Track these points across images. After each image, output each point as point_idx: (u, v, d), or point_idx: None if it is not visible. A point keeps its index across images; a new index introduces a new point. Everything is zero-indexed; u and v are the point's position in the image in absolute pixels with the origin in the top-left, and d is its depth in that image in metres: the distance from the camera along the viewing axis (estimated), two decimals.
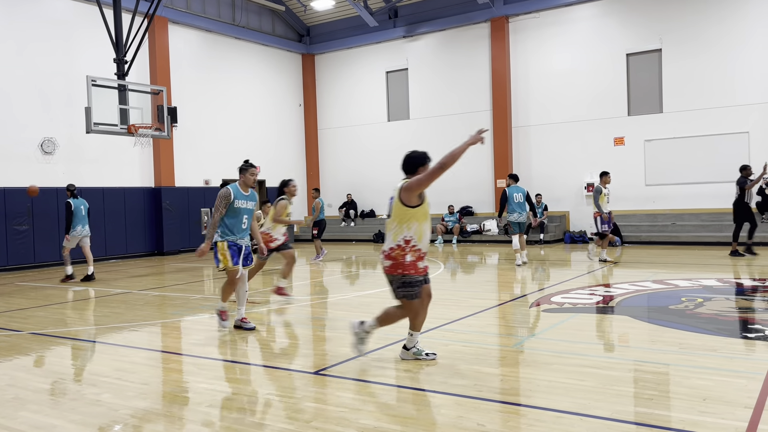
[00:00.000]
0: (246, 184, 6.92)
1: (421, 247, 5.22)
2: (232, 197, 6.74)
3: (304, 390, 4.86)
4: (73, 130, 16.19)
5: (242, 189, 6.90)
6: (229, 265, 6.71)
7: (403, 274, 5.18)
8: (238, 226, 6.81)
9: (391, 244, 5.23)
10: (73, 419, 4.32)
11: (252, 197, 6.99)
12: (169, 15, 18.79)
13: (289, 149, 23.39)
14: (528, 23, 19.62)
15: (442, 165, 5.08)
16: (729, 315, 7.13)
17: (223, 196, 6.70)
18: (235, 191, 6.82)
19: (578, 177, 18.98)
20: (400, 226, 5.18)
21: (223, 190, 6.74)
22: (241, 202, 6.83)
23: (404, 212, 5.16)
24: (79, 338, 7.00)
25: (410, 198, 5.16)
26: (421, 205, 5.20)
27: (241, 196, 6.85)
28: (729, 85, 16.80)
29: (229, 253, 6.71)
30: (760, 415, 3.93)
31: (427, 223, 5.28)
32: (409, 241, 5.17)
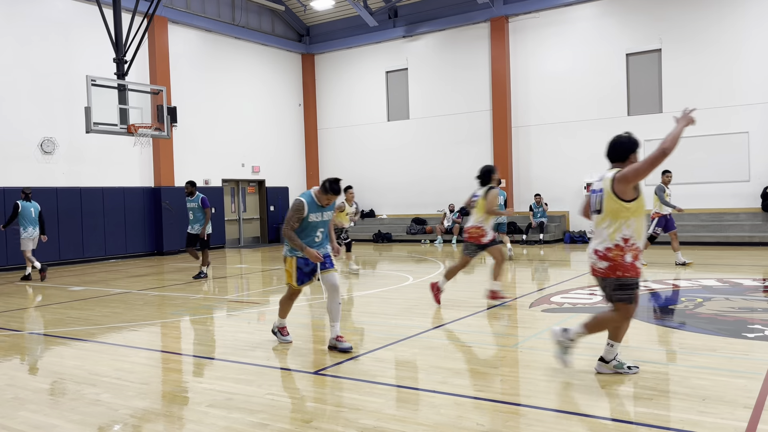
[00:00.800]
0: (319, 202, 5.97)
1: (640, 245, 4.71)
2: (306, 211, 5.90)
3: (303, 390, 4.86)
4: (72, 129, 16.19)
5: (318, 201, 5.97)
6: (293, 284, 6.11)
7: (623, 276, 4.65)
8: (310, 241, 6.00)
9: (607, 243, 4.67)
10: (73, 419, 4.32)
11: (329, 207, 6.10)
12: (169, 15, 18.79)
13: (288, 149, 23.39)
14: (528, 23, 19.62)
15: (665, 150, 4.52)
16: (728, 315, 7.13)
17: (295, 209, 5.90)
18: (309, 203, 5.92)
19: (578, 177, 18.97)
20: (615, 223, 4.64)
21: (296, 201, 5.93)
22: (315, 215, 5.97)
23: (620, 208, 4.63)
24: (78, 338, 7.00)
25: (626, 191, 4.66)
26: (638, 198, 4.69)
27: (315, 209, 5.96)
28: (729, 85, 16.80)
29: (296, 273, 6.05)
30: (760, 415, 3.93)
31: (643, 218, 4.75)
32: (628, 239, 4.63)
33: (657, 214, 12.16)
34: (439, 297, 8.27)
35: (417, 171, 21.68)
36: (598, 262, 4.72)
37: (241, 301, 9.61)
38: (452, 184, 20.94)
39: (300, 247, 5.86)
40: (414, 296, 9.27)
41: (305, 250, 5.84)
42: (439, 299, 8.25)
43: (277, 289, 10.92)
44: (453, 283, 11.12)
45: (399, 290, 9.89)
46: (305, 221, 5.93)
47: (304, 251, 5.85)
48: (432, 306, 8.39)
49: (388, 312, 8.09)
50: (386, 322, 7.37)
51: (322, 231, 6.13)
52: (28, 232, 12.84)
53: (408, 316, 7.80)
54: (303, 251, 5.86)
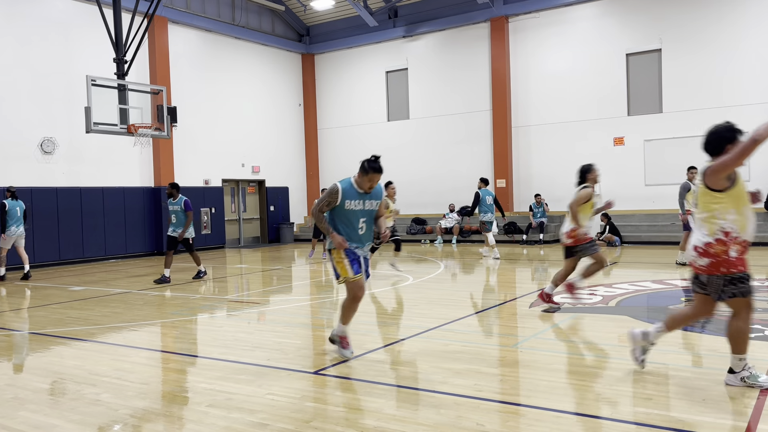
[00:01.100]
0: (361, 187, 5.47)
1: (745, 237, 4.41)
2: (340, 197, 5.37)
3: (303, 390, 4.86)
4: (72, 129, 16.19)
5: (358, 187, 5.46)
6: (349, 275, 5.41)
7: (728, 273, 4.40)
8: (350, 232, 5.46)
9: (707, 238, 4.41)
10: (73, 419, 4.32)
11: (372, 194, 5.52)
12: (169, 15, 18.79)
13: (288, 149, 23.39)
14: (528, 23, 19.62)
15: (756, 139, 4.29)
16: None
17: (329, 192, 5.42)
18: (346, 189, 5.41)
19: None
20: (711, 216, 4.42)
21: (332, 185, 5.46)
22: (353, 203, 5.42)
23: (711, 199, 4.44)
24: (78, 338, 7.00)
25: (717, 181, 4.46)
26: (733, 188, 4.44)
27: (354, 196, 5.42)
28: (729, 85, 16.80)
29: (348, 260, 5.41)
30: (760, 416, 3.93)
31: (747, 208, 4.46)
32: (729, 232, 4.37)
33: (689, 212, 11.86)
34: (566, 296, 7.67)
35: (417, 171, 21.68)
36: (699, 258, 4.45)
37: (241, 301, 9.61)
38: (452, 184, 20.94)
39: (326, 231, 5.36)
40: (414, 296, 9.27)
41: (331, 234, 5.34)
42: (572, 294, 7.59)
43: (277, 289, 10.92)
44: (453, 283, 11.13)
45: (399, 290, 9.88)
46: (341, 208, 5.39)
47: (329, 235, 5.35)
48: (432, 306, 8.40)
49: (388, 312, 8.09)
50: (386, 322, 7.37)
51: (365, 222, 5.49)
52: (11, 231, 12.84)
53: (408, 316, 7.80)
54: (328, 235, 5.36)
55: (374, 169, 5.39)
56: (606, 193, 18.93)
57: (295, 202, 23.58)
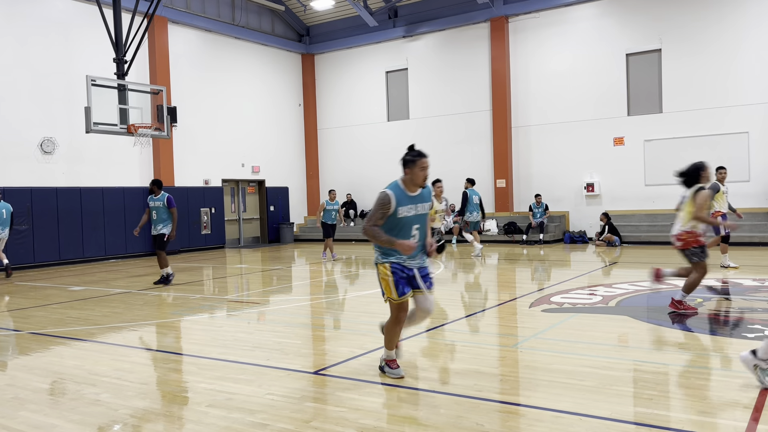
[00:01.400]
0: (414, 182, 4.89)
1: None
2: (393, 205, 4.80)
3: (303, 390, 4.86)
4: (72, 129, 16.19)
5: (408, 189, 4.91)
6: (394, 296, 4.89)
7: None
8: None
9: None
10: (73, 419, 4.32)
11: (422, 197, 4.96)
12: (169, 15, 18.79)
13: (288, 149, 23.40)
14: (528, 23, 19.63)
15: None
16: (728, 315, 7.12)
17: (380, 203, 4.83)
18: (398, 195, 4.84)
19: (578, 177, 18.99)
20: None
21: (381, 194, 4.88)
22: (406, 209, 4.85)
23: None
24: (78, 338, 7.00)
25: None
26: None
27: (406, 201, 4.86)
28: (729, 85, 16.80)
29: (393, 278, 4.86)
30: (760, 416, 3.93)
31: None
32: None
33: (717, 212, 11.46)
34: (687, 306, 7.28)
35: None
36: None
37: (240, 301, 9.61)
38: (452, 184, 20.86)
39: (388, 242, 4.76)
40: None
41: (395, 242, 4.72)
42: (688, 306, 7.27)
43: (277, 289, 10.92)
44: (453, 283, 11.13)
45: None
46: (394, 218, 4.81)
47: (394, 244, 4.73)
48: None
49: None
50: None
51: (419, 229, 4.93)
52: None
53: None
54: (393, 245, 4.74)
55: (419, 155, 4.84)
56: (606, 193, 18.97)
57: (295, 202, 23.58)
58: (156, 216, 11.19)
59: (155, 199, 11.20)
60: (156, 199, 11.19)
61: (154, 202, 11.21)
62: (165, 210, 11.16)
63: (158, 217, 11.17)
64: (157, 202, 11.18)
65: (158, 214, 11.17)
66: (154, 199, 11.21)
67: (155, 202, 11.20)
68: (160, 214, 11.17)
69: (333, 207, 15.28)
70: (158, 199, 11.17)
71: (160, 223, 11.17)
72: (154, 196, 11.23)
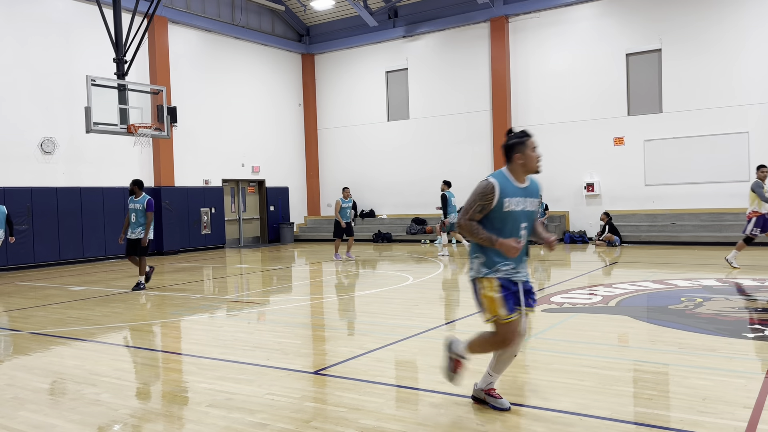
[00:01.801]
0: (527, 168, 4.05)
1: None
2: (497, 196, 3.96)
3: (303, 390, 4.86)
4: (72, 129, 16.19)
5: (516, 179, 4.06)
6: (501, 314, 4.03)
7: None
8: None
9: None
10: (73, 419, 4.32)
11: (532, 190, 4.11)
12: (169, 15, 18.79)
13: (288, 149, 23.40)
14: (528, 23, 19.62)
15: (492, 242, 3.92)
16: (728, 315, 7.13)
17: (480, 193, 3.98)
18: (503, 184, 3.99)
19: (578, 177, 18.99)
20: None
21: (481, 183, 4.02)
22: (514, 202, 4.01)
23: None
24: (78, 338, 7.00)
25: None
26: None
27: (514, 192, 4.01)
28: (729, 85, 16.80)
29: (503, 293, 4.02)
30: (760, 415, 3.93)
31: None
32: None
33: (754, 213, 11.01)
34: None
35: (417, 171, 21.69)
36: None
37: (240, 301, 9.61)
38: (453, 184, 20.94)
39: (488, 240, 3.92)
40: (414, 296, 9.27)
41: (497, 242, 3.91)
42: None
43: (277, 289, 10.92)
44: (452, 283, 11.12)
45: (399, 290, 9.89)
46: (498, 212, 3.97)
47: (495, 244, 3.91)
48: (432, 306, 8.40)
49: (388, 312, 8.09)
50: (386, 322, 7.37)
51: (526, 228, 4.10)
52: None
53: (408, 316, 7.81)
54: (493, 244, 3.91)
55: (525, 134, 4.04)
56: (606, 193, 18.96)
57: (295, 202, 23.57)
58: (135, 219, 10.62)
59: (135, 201, 10.66)
60: (136, 201, 10.64)
61: (134, 203, 10.66)
62: (143, 213, 10.59)
63: (137, 221, 10.62)
64: (137, 205, 10.62)
65: (137, 217, 10.62)
66: (135, 200, 10.67)
67: (135, 204, 10.65)
68: (139, 217, 10.62)
69: (348, 205, 14.88)
70: (138, 201, 10.63)
71: (139, 226, 10.62)
72: (135, 198, 10.69)
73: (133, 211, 10.65)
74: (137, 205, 10.64)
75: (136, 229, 10.62)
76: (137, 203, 10.64)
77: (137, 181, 10.87)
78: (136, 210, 10.64)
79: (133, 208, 10.67)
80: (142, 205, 10.60)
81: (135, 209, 10.65)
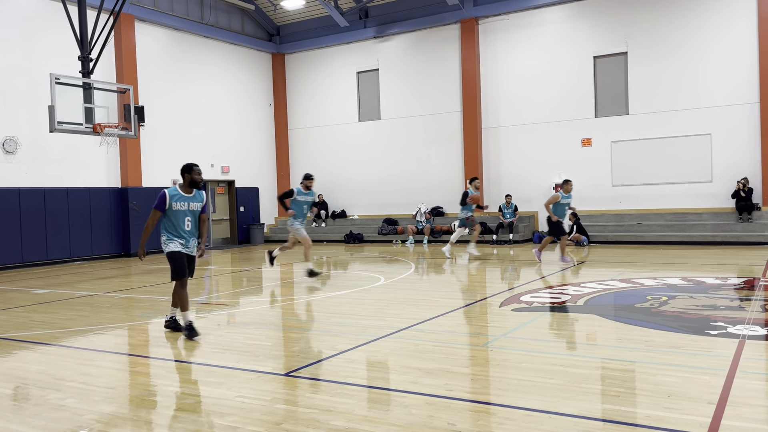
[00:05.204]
0: None
1: None
2: None
3: (274, 392, 4.82)
4: (36, 129, 15.81)
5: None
6: None
7: None
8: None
9: None
10: (37, 425, 4.22)
11: None
12: (136, 12, 18.48)
13: (259, 149, 23.22)
14: (497, 25, 19.80)
15: None
16: (692, 313, 7.29)
17: None
18: None
19: (547, 177, 19.22)
20: None
21: None
22: None
23: None
24: (42, 342, 6.84)
25: None
26: None
27: None
28: (692, 88, 17.20)
29: None
30: (723, 411, 4.03)
31: None
32: None
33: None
34: None
35: (388, 171, 21.72)
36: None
37: (210, 303, 9.50)
38: (423, 184, 21.05)
39: None
40: (385, 297, 9.28)
41: None
42: None
43: (247, 291, 10.81)
44: (424, 283, 11.15)
45: (370, 291, 9.88)
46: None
47: None
48: (403, 306, 8.42)
49: (359, 313, 8.09)
50: (357, 323, 7.36)
51: None
52: None
53: (379, 316, 7.81)
54: None
55: None
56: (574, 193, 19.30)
57: (266, 203, 23.39)
58: (190, 226, 6.99)
59: (190, 199, 6.97)
60: (191, 199, 6.98)
61: (190, 203, 6.97)
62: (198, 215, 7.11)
63: (192, 228, 7.03)
64: (194, 204, 7.01)
65: (192, 222, 7.03)
66: (189, 198, 6.96)
67: (191, 204, 6.99)
68: (195, 223, 7.08)
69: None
70: (196, 198, 7.02)
71: (192, 237, 7.06)
72: (187, 194, 6.94)
73: (189, 214, 6.95)
74: (195, 205, 6.98)
75: (190, 240, 7.00)
76: (193, 201, 6.97)
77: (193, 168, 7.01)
78: (193, 212, 7.00)
79: (188, 209, 6.93)
80: (200, 204, 7.02)
81: (191, 210, 6.97)
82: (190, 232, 6.95)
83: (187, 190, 6.88)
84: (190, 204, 6.90)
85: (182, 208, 6.85)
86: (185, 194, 6.88)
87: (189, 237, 6.95)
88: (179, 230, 6.87)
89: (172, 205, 6.78)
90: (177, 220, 6.85)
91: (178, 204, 6.82)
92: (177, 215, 6.83)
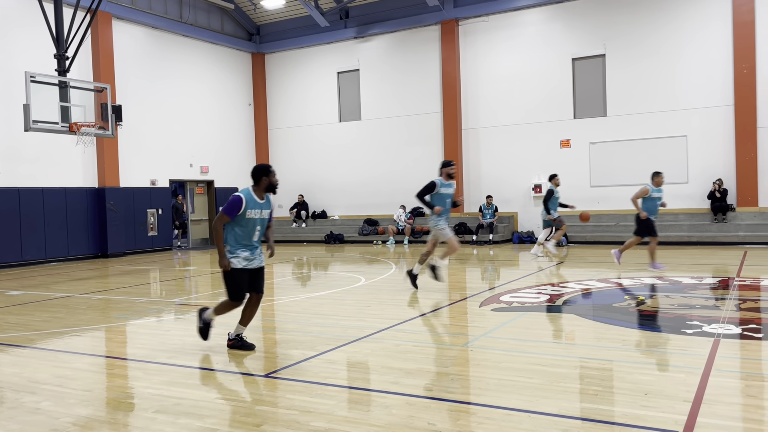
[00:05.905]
0: None
1: None
2: None
3: (254, 393, 4.79)
4: (10, 128, 15.54)
5: None
6: None
7: None
8: None
9: None
10: (12, 429, 4.14)
11: None
12: (113, 10, 18.25)
13: (238, 149, 23.07)
14: (477, 26, 19.90)
15: None
16: (669, 312, 7.39)
17: None
18: None
19: (526, 178, 19.36)
20: None
21: None
22: None
23: None
24: (16, 344, 6.72)
25: None
26: None
27: None
28: (669, 90, 17.45)
29: None
30: (699, 408, 4.09)
31: None
32: None
33: None
34: None
35: (369, 172, 21.71)
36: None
37: (188, 304, 9.41)
38: (404, 185, 21.05)
39: None
40: (366, 297, 9.27)
41: None
42: None
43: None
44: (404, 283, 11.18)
45: (351, 291, 9.87)
46: None
47: None
48: (384, 306, 8.42)
49: (340, 313, 8.07)
50: (338, 324, 7.35)
51: None
52: None
53: (360, 317, 7.80)
54: None
55: None
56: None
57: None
58: (257, 235, 6.05)
59: (262, 205, 5.96)
60: (263, 205, 5.96)
61: (261, 210, 5.96)
62: None
63: (259, 237, 6.12)
64: (264, 211, 6.01)
65: (261, 230, 6.08)
66: (261, 204, 5.95)
67: (262, 211, 5.98)
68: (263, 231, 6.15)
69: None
70: (266, 205, 6.00)
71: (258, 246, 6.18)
72: (260, 200, 5.94)
73: (260, 223, 6.00)
74: (266, 213, 6.03)
75: (256, 250, 6.09)
76: (265, 209, 6.01)
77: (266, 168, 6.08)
78: (263, 220, 6.04)
79: (259, 218, 5.97)
80: (269, 211, 6.07)
81: (262, 219, 6.01)
82: (257, 242, 6.01)
83: (261, 195, 5.86)
84: (262, 211, 5.90)
85: (255, 216, 5.83)
86: (259, 200, 5.86)
87: (256, 247, 6.02)
88: (248, 240, 5.90)
89: (246, 213, 5.76)
90: (248, 230, 5.85)
91: (253, 212, 5.81)
92: (249, 224, 5.83)
